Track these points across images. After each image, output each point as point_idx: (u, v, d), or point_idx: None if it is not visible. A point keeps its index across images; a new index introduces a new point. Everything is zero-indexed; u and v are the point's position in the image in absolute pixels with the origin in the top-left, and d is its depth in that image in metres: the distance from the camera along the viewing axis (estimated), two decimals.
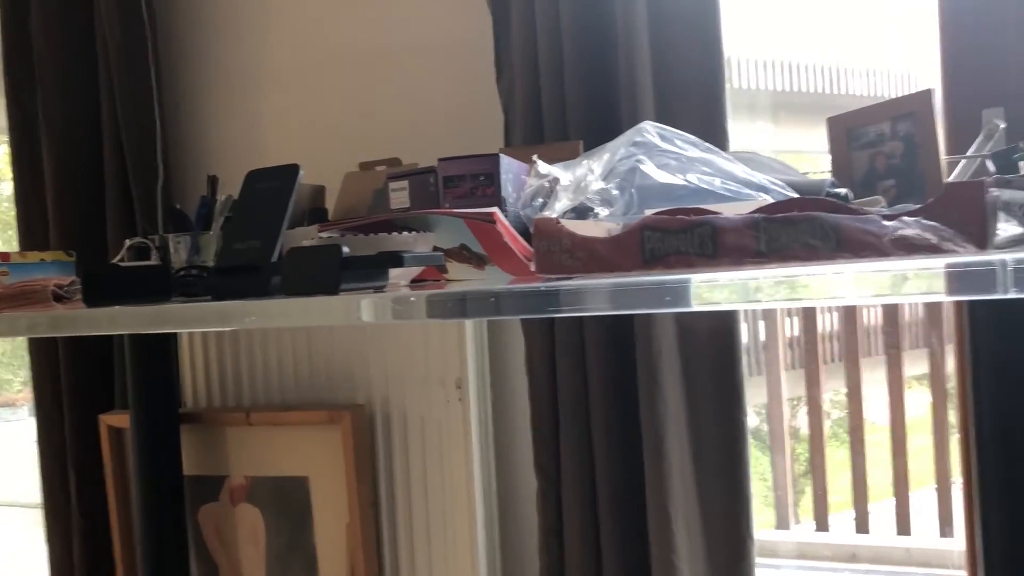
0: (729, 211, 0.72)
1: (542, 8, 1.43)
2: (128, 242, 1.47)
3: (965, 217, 0.60)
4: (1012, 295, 0.63)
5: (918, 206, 0.67)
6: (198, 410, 1.69)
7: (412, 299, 0.95)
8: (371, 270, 0.85)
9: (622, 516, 1.43)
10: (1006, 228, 0.80)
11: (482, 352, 1.59)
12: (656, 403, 1.38)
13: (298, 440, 1.61)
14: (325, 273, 0.82)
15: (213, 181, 1.47)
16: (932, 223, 0.59)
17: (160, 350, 1.62)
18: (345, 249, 0.83)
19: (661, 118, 1.40)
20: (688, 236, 0.71)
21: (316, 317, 1.13)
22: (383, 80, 1.71)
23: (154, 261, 1.39)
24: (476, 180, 1.11)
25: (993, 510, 1.02)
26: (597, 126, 1.41)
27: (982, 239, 0.61)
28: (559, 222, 0.76)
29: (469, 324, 1.57)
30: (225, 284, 0.88)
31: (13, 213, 1.83)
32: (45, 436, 1.82)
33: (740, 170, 0.87)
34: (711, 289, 0.72)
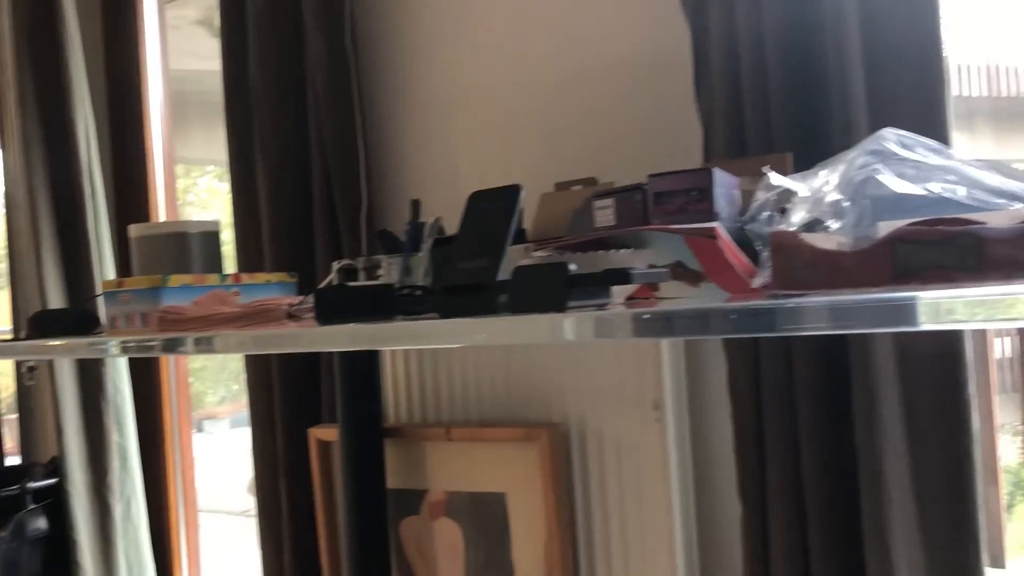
0: (992, 220, 0.67)
1: (744, 18, 1.40)
2: (336, 264, 1.54)
3: None
4: None
5: None
6: (400, 425, 1.75)
7: (615, 318, 0.94)
8: (596, 287, 0.84)
9: (835, 545, 1.35)
10: None
11: (679, 372, 1.56)
12: (873, 427, 1.31)
13: (496, 456, 1.64)
14: (552, 291, 0.83)
15: (416, 204, 1.52)
16: None
17: (366, 366, 1.68)
18: (572, 266, 0.83)
19: (875, 128, 1.33)
20: (948, 248, 0.66)
21: (521, 335, 1.14)
22: (575, 100, 1.72)
23: (363, 281, 1.45)
24: (688, 195, 1.09)
25: None
26: (804, 137, 1.36)
27: None
28: (799, 235, 0.73)
29: (666, 343, 1.54)
30: (452, 302, 0.91)
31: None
32: (260, 448, 1.93)
33: (991, 178, 0.81)
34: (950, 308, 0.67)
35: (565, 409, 1.60)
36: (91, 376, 2.25)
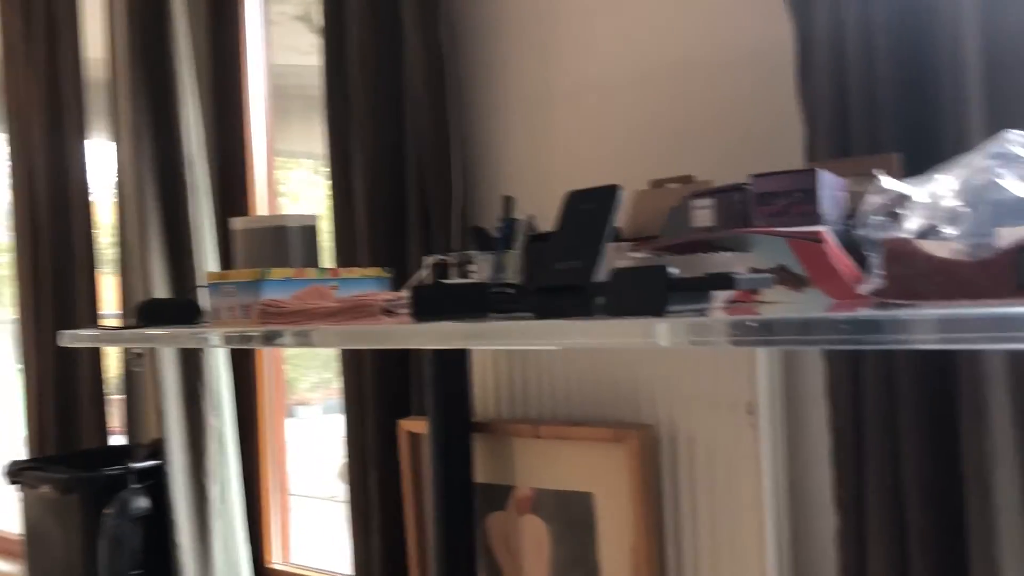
0: None
1: (851, 12, 1.35)
2: (428, 260, 1.55)
3: None
4: None
5: None
6: (488, 420, 1.75)
7: (712, 324, 0.91)
8: (698, 292, 0.83)
9: (937, 563, 1.30)
10: None
11: (774, 376, 1.52)
12: (981, 438, 1.25)
13: (584, 456, 1.63)
14: (652, 295, 0.81)
15: (509, 201, 1.52)
16: None
17: (456, 361, 1.69)
18: (672, 270, 0.81)
19: (992, 129, 1.27)
20: None
21: (615, 339, 1.12)
22: (671, 96, 1.69)
23: (455, 278, 1.46)
24: (791, 197, 1.06)
25: None
26: (913, 139, 1.31)
27: None
28: (914, 243, 0.70)
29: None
30: (547, 303, 0.90)
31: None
32: (352, 437, 1.96)
33: None
34: None
35: (656, 410, 1.58)
36: (191, 363, 2.32)
